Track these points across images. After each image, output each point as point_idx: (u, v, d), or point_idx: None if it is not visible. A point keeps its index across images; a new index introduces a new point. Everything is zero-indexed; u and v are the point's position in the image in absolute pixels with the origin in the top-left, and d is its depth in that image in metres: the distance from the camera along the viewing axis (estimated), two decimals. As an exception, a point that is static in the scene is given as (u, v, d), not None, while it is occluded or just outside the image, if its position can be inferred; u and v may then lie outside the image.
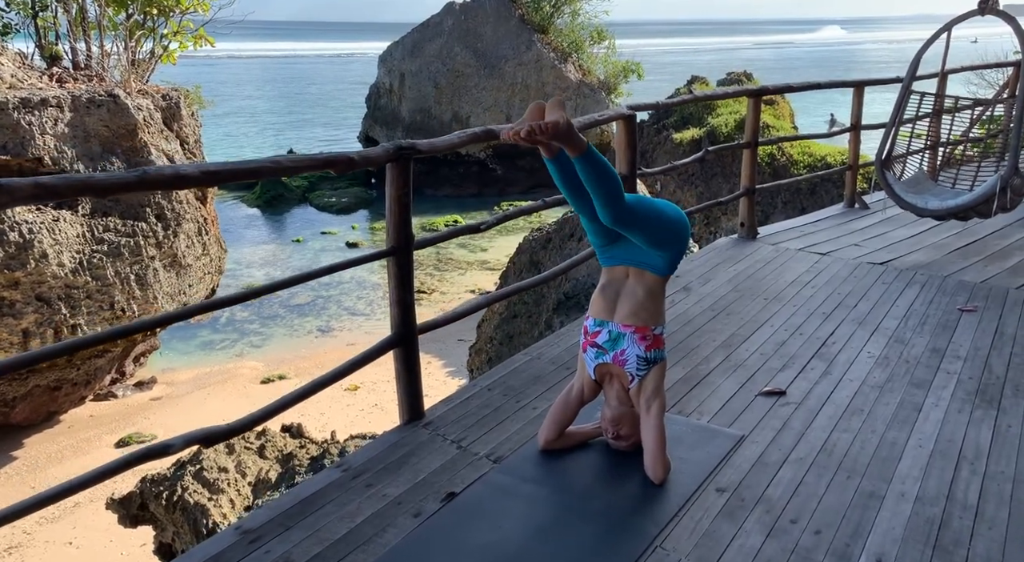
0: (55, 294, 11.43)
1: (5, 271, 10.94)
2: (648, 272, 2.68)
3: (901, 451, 2.91)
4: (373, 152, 2.76)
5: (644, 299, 2.69)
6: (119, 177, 2.04)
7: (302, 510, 2.51)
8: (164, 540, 7.93)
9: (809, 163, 14.88)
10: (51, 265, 11.15)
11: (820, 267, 5.05)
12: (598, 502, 2.57)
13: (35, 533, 10.46)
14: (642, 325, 2.68)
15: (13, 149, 11.32)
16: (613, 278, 2.75)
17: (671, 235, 2.65)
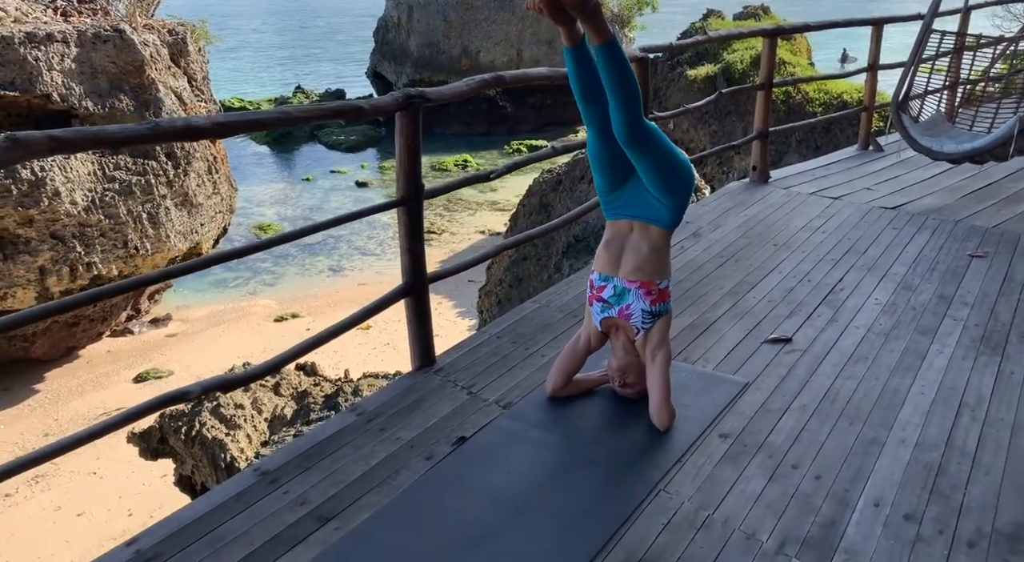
0: (69, 232, 11.53)
1: (19, 209, 11.02)
2: (653, 226, 2.69)
3: (903, 398, 2.96)
4: (382, 101, 2.76)
5: (649, 254, 2.70)
6: (132, 130, 2.05)
7: (319, 452, 2.60)
8: (184, 472, 8.18)
9: (825, 101, 14.62)
10: (64, 203, 11.21)
11: (831, 212, 5.04)
12: (604, 448, 2.65)
13: (60, 463, 10.79)
14: (647, 280, 2.71)
15: (21, 85, 11.27)
16: (617, 232, 2.76)
17: (679, 177, 2.62)
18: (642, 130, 2.51)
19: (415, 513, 2.31)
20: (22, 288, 11.45)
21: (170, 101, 12.45)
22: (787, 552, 2.18)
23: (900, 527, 2.28)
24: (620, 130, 2.50)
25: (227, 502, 2.34)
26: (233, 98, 26.85)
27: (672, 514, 2.32)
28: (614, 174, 2.72)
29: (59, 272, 11.53)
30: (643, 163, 2.58)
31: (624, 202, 2.73)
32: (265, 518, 2.28)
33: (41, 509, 10.03)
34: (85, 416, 11.97)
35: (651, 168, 2.58)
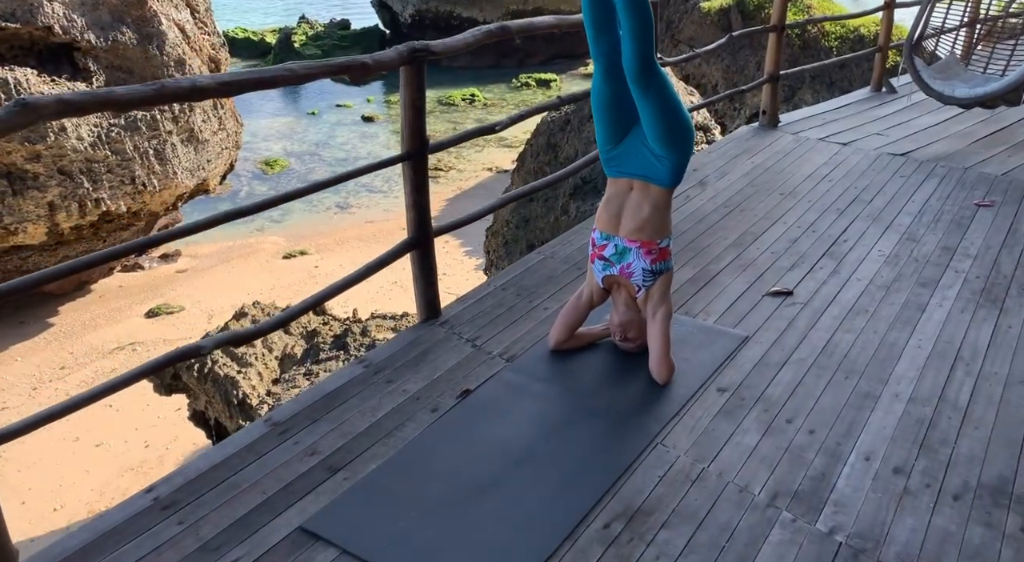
0: (76, 168, 11.52)
1: (26, 144, 11.00)
2: (653, 185, 2.70)
3: (900, 352, 3.02)
4: (386, 55, 2.74)
5: (650, 214, 2.72)
6: (139, 91, 2.07)
7: (327, 404, 2.68)
8: (197, 408, 8.38)
9: (841, 35, 14.29)
10: (70, 138, 11.18)
11: (839, 159, 5.01)
12: (604, 401, 2.72)
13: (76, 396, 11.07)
14: (647, 240, 2.73)
15: (22, 17, 11.11)
16: (617, 191, 2.77)
17: (681, 132, 2.62)
18: (653, 66, 2.51)
19: (420, 464, 2.40)
20: (32, 223, 11.51)
21: (173, 34, 12.27)
22: (778, 504, 2.27)
23: (888, 480, 2.36)
24: (631, 63, 2.49)
25: (240, 452, 2.44)
26: (237, 28, 26.36)
27: (668, 467, 2.41)
28: (617, 122, 2.71)
29: (68, 208, 11.57)
30: (648, 106, 2.57)
31: (624, 160, 2.74)
32: (276, 468, 2.38)
33: (61, 439, 10.32)
34: (99, 349, 12.19)
35: (655, 114, 2.57)
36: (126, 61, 12.06)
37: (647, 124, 2.62)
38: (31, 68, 11.16)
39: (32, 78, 10.97)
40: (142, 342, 12.52)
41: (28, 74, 10.94)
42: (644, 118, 2.62)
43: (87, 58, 11.72)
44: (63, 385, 11.55)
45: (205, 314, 13.20)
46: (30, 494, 9.22)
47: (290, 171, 17.51)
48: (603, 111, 2.74)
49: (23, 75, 10.87)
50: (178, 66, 12.26)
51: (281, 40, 24.05)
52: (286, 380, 7.39)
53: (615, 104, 2.70)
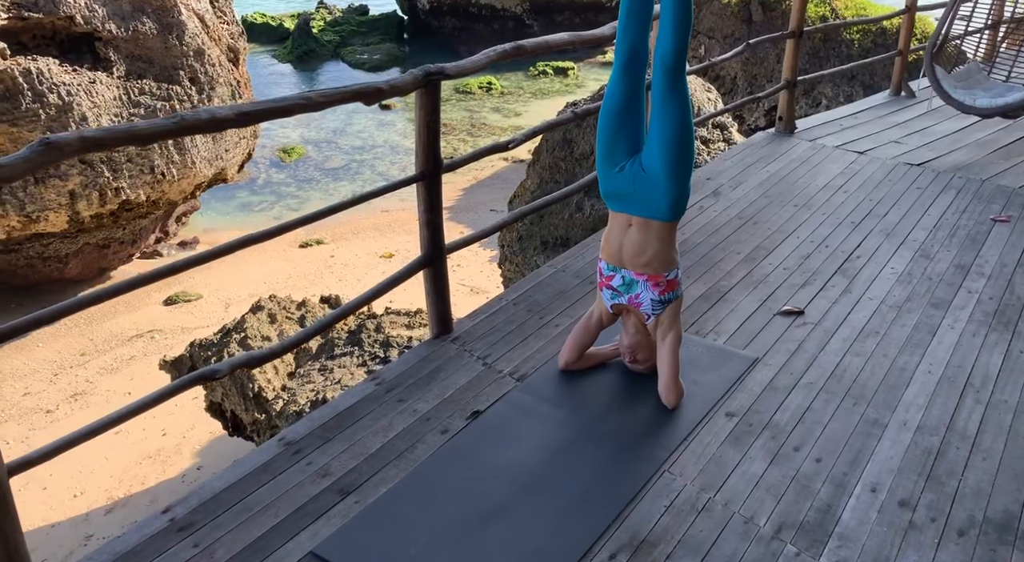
0: (97, 157, 11.63)
1: (48, 133, 11.12)
2: (654, 222, 2.67)
3: (910, 377, 3.02)
4: (402, 81, 2.76)
5: (655, 250, 2.70)
6: (159, 125, 2.10)
7: (340, 423, 2.73)
8: (214, 399, 8.49)
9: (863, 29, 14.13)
10: (91, 128, 11.29)
11: (856, 168, 4.99)
12: (612, 425, 2.75)
13: (97, 382, 11.22)
14: (654, 273, 2.74)
15: (45, 7, 11.19)
16: (618, 225, 2.76)
17: (687, 158, 2.59)
18: (684, 70, 2.50)
19: (430, 489, 2.44)
20: (54, 211, 11.65)
21: (192, 24, 12.32)
22: (783, 537, 2.29)
23: (894, 513, 2.38)
24: (667, 56, 2.46)
25: (254, 472, 2.49)
26: (255, 13, 26.38)
27: (675, 496, 2.44)
28: (619, 137, 2.65)
29: (88, 196, 11.70)
30: (667, 112, 2.52)
31: (625, 197, 2.69)
32: (289, 489, 2.43)
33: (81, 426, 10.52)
34: (118, 336, 12.34)
35: (673, 122, 2.52)
36: (146, 51, 12.13)
37: (657, 136, 2.55)
38: (53, 58, 11.26)
39: (54, 67, 11.07)
40: (160, 330, 12.67)
41: (50, 63, 11.04)
42: (657, 128, 2.55)
43: (108, 48, 11.80)
44: (83, 372, 11.73)
45: (223, 302, 13.32)
46: (51, 480, 9.38)
47: (307, 159, 17.58)
48: (611, 117, 2.68)
49: (45, 65, 10.98)
50: (197, 56, 12.32)
51: (299, 25, 24.04)
52: (301, 375, 7.47)
53: (625, 109, 2.64)
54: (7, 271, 12.99)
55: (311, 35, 23.73)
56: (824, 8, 14.51)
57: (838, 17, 14.67)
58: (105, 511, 8.77)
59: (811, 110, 13.32)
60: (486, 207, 14.89)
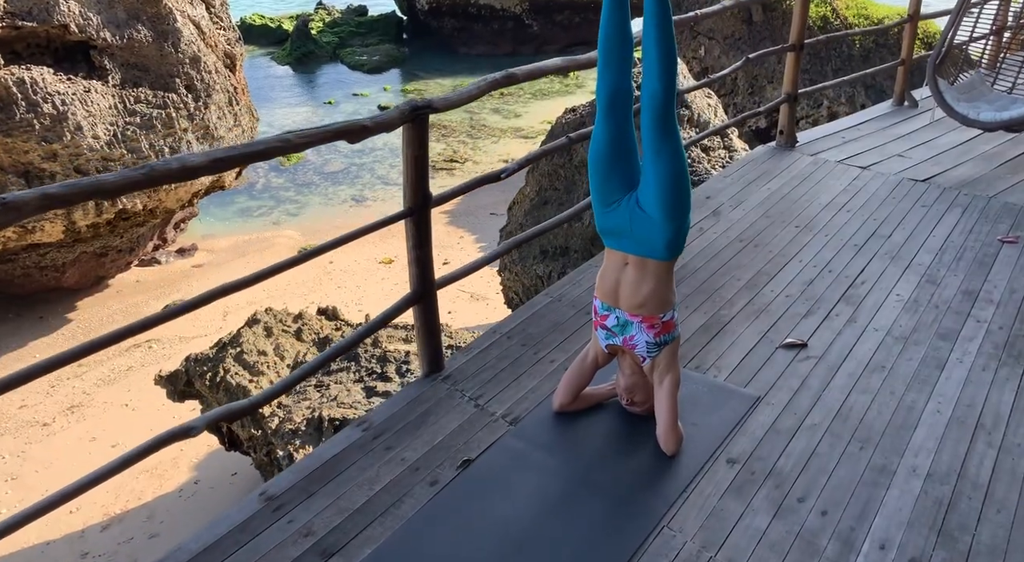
0: (93, 167, 11.53)
1: (43, 143, 11.02)
2: (650, 260, 2.57)
3: (918, 418, 2.91)
4: (388, 116, 2.65)
5: (651, 291, 2.59)
6: (128, 176, 1.99)
7: (324, 475, 2.62)
8: (210, 415, 8.40)
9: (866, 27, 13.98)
10: (86, 137, 11.17)
11: (859, 185, 4.87)
12: (609, 474, 2.64)
13: (94, 394, 11.13)
14: (649, 315, 2.63)
15: (38, 16, 11.09)
16: (613, 264, 2.65)
17: (684, 191, 2.48)
18: (674, 111, 2.38)
19: (415, 550, 2.34)
20: (50, 222, 11.55)
21: (188, 31, 12.21)
22: (786, 601, 2.19)
23: (903, 573, 2.27)
24: (655, 99, 2.35)
25: (233, 531, 2.39)
26: (254, 15, 26.26)
27: (675, 555, 2.33)
28: (612, 175, 2.54)
29: (85, 206, 11.60)
30: (660, 157, 2.42)
31: (620, 234, 2.59)
32: (269, 551, 2.32)
33: (78, 439, 10.40)
34: (117, 347, 12.24)
35: (665, 167, 2.43)
36: (141, 58, 12.02)
37: (652, 179, 2.46)
38: (47, 66, 11.15)
39: (48, 77, 10.96)
40: (158, 339, 12.58)
41: (44, 73, 10.94)
42: (651, 172, 2.46)
43: (103, 56, 11.70)
44: (81, 383, 11.64)
45: (221, 311, 13.21)
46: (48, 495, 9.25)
47: (306, 163, 17.48)
48: (600, 161, 2.59)
49: (39, 74, 10.87)
50: (193, 63, 12.21)
51: (298, 27, 23.93)
52: (297, 392, 7.37)
53: (612, 152, 2.54)
54: (4, 281, 12.91)
55: (310, 37, 23.62)
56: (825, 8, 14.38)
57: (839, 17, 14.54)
58: (101, 527, 8.68)
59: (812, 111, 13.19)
60: (486, 211, 14.77)
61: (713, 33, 16.08)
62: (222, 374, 7.91)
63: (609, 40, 2.46)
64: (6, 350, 12.58)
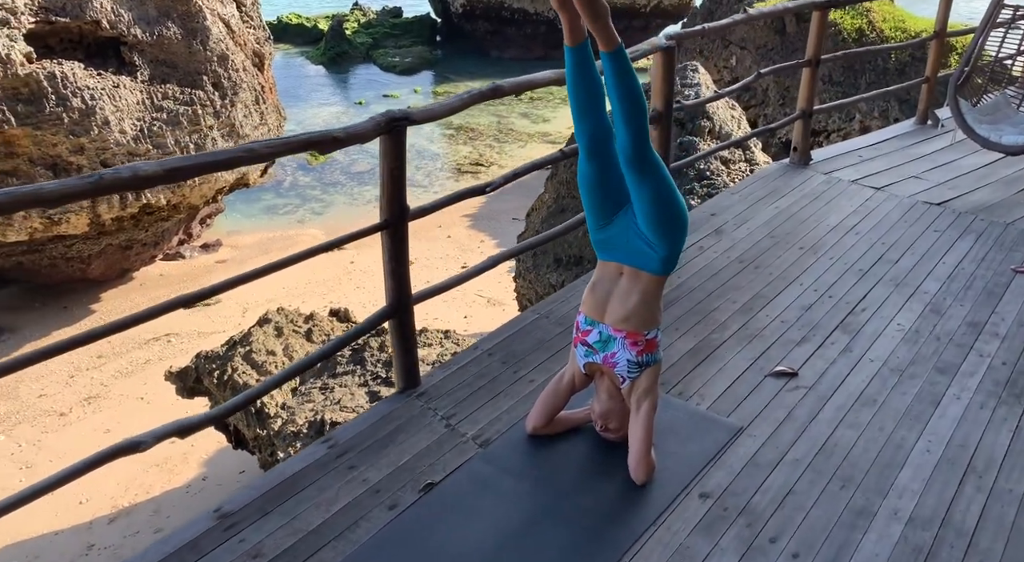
0: (119, 161, 11.66)
1: (71, 136, 11.17)
2: (644, 273, 2.52)
3: (906, 456, 2.78)
4: (361, 127, 2.59)
5: (637, 304, 2.54)
6: (73, 185, 1.95)
7: (281, 493, 2.57)
8: (219, 413, 8.43)
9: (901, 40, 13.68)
10: (113, 132, 11.32)
11: (871, 206, 4.71)
12: (576, 504, 2.55)
13: (111, 386, 11.26)
14: (633, 330, 2.55)
15: (72, 11, 11.25)
16: (606, 275, 2.60)
17: (675, 221, 2.44)
18: (647, 152, 2.35)
19: (366, 576, 2.27)
20: (75, 214, 11.72)
21: (217, 29, 12.32)
22: (743, 650, 2.08)
23: (872, 624, 2.16)
24: (626, 150, 2.33)
25: (181, 550, 2.34)
26: (291, 14, 26.50)
27: (631, 594, 2.23)
28: (605, 202, 2.54)
29: (109, 200, 11.73)
30: (642, 193, 2.41)
31: (615, 246, 2.56)
32: (216, 572, 2.27)
33: (93, 430, 10.51)
34: (136, 339, 12.38)
35: (649, 202, 2.41)
36: (171, 55, 12.15)
37: (640, 211, 2.45)
38: (79, 62, 11.31)
39: (79, 71, 11.12)
40: (177, 334, 12.70)
41: (75, 67, 11.10)
42: (637, 205, 2.45)
43: (133, 52, 11.84)
44: (99, 374, 11.77)
45: (240, 307, 13.31)
46: (59, 485, 9.33)
47: (333, 162, 17.57)
48: (590, 192, 2.56)
49: (70, 69, 11.03)
50: (220, 61, 12.32)
51: (333, 27, 24.09)
52: (302, 393, 7.36)
53: (601, 183, 2.53)
54: (31, 270, 13.11)
55: (344, 37, 23.76)
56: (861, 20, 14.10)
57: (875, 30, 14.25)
58: (108, 520, 8.75)
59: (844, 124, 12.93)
60: (508, 215, 14.72)
61: (745, 43, 15.86)
62: (230, 372, 7.93)
63: (577, 91, 2.45)
64: (30, 338, 12.77)
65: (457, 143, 17.93)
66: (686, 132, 8.47)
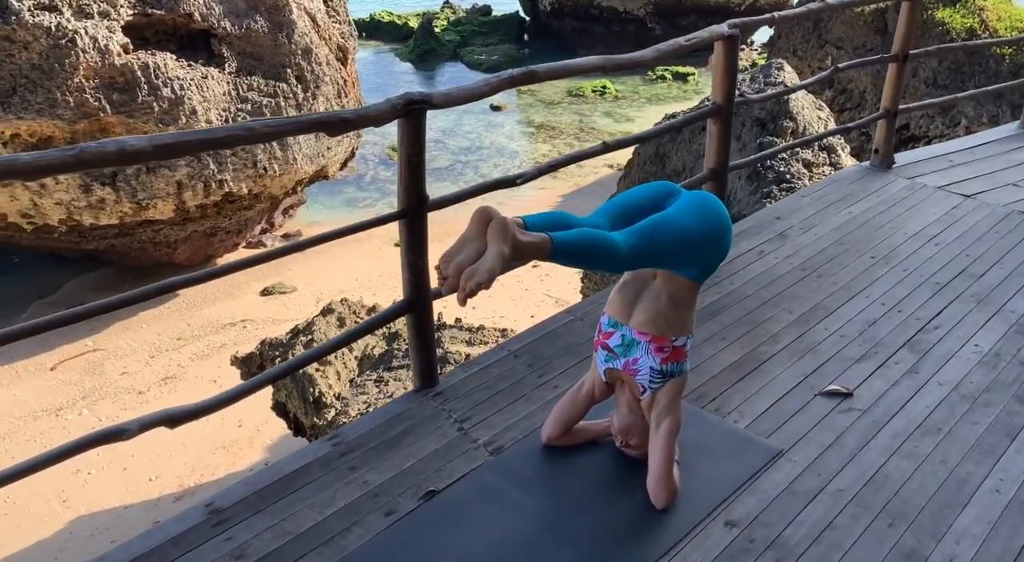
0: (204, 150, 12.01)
1: (160, 125, 11.55)
2: (679, 275, 2.29)
3: (970, 495, 2.45)
4: (376, 109, 2.44)
5: (667, 306, 2.31)
6: (50, 157, 1.86)
7: (278, 491, 2.45)
8: (279, 399, 8.52)
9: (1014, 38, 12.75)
10: (200, 121, 11.63)
11: (957, 215, 4.30)
12: (587, 523, 2.34)
13: (187, 367, 11.59)
14: (659, 335, 2.32)
15: (167, 4, 11.62)
16: (638, 276, 2.37)
17: (697, 251, 2.24)
18: (637, 259, 2.15)
19: (348, 587, 2.12)
20: (162, 200, 12.12)
21: (303, 23, 12.52)
22: None
23: None
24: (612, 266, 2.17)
25: (166, 544, 2.24)
26: (383, 11, 26.86)
27: (632, 630, 2.01)
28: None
29: (194, 187, 12.09)
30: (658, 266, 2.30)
31: None
32: (196, 570, 2.17)
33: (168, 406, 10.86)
34: (214, 323, 12.72)
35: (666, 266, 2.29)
36: (257, 48, 12.41)
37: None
38: (171, 53, 11.67)
39: (171, 62, 11.47)
40: (252, 320, 12.96)
41: (167, 59, 11.45)
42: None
43: (222, 45, 12.15)
44: (177, 356, 12.12)
45: (314, 296, 13.51)
46: (132, 461, 9.67)
47: (414, 158, 17.63)
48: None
49: (162, 59, 11.39)
50: (304, 54, 12.52)
51: (423, 25, 24.30)
52: (358, 385, 7.33)
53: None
54: (122, 253, 13.63)
55: (433, 34, 23.94)
56: (972, 19, 13.23)
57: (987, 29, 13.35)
58: (174, 499, 8.96)
59: (948, 131, 12.12)
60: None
61: (843, 42, 15.12)
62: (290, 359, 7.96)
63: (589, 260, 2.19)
64: (118, 319, 13.24)
65: (537, 141, 17.78)
66: (767, 132, 8.07)
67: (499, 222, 1.93)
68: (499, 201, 15.88)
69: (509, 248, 1.92)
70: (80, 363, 11.59)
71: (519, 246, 1.93)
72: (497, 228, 1.92)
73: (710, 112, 3.76)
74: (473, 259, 1.94)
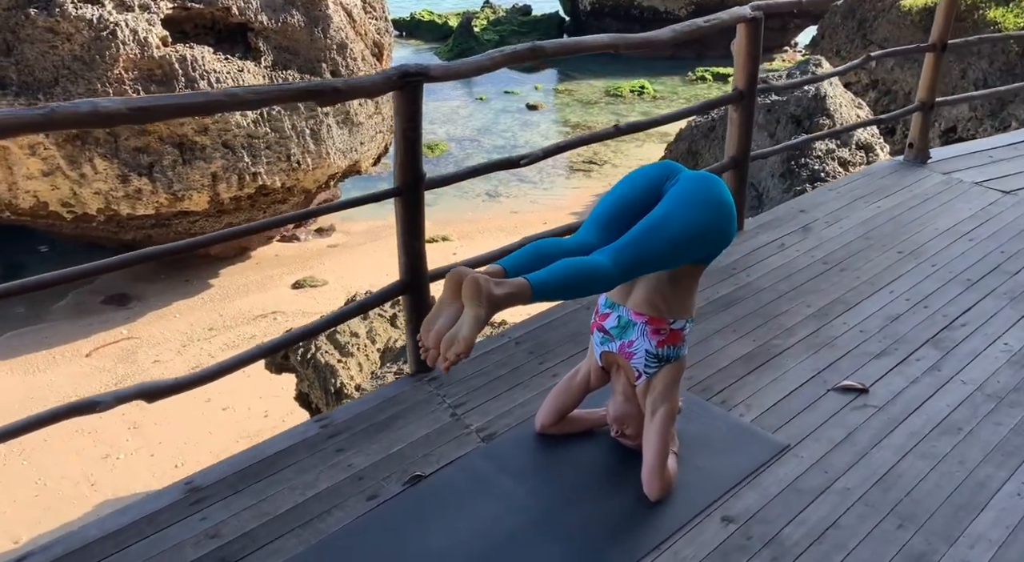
0: (239, 143, 12.11)
1: (196, 117, 11.69)
2: None
3: (989, 498, 2.30)
4: (369, 79, 2.37)
5: (666, 286, 2.20)
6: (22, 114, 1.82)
7: (259, 471, 2.39)
8: (302, 390, 8.53)
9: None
10: (235, 115, 11.73)
11: (993, 211, 4.10)
12: (577, 515, 2.24)
13: (218, 357, 11.68)
14: (657, 316, 2.21)
15: (206, -1, 11.78)
16: None
17: (698, 243, 2.12)
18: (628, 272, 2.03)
19: (321, 571, 2.04)
20: (197, 191, 12.26)
21: (338, 18, 12.57)
22: None
23: None
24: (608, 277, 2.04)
25: (139, 522, 2.19)
26: (423, 10, 26.94)
27: (613, 626, 1.90)
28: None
29: (228, 179, 12.21)
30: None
31: None
32: (168, 549, 2.11)
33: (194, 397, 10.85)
34: (245, 315, 12.83)
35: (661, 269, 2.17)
36: (293, 42, 12.49)
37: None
38: (208, 46, 11.80)
39: (208, 56, 11.59)
40: (283, 312, 13.04)
41: (205, 52, 11.58)
42: None
43: (259, 38, 12.25)
44: (208, 346, 12.23)
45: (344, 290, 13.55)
46: (160, 448, 9.77)
47: (448, 155, 17.66)
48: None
49: (200, 53, 11.52)
50: (339, 49, 12.56)
51: (462, 24, 24.32)
52: (378, 376, 7.30)
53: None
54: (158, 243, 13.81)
55: (472, 34, 23.93)
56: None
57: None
58: (197, 486, 9.03)
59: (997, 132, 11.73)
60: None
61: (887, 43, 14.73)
62: (314, 351, 7.98)
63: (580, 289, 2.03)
64: (154, 307, 13.43)
65: (574, 141, 17.64)
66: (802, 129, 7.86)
67: (470, 283, 1.84)
68: (532, 199, 15.80)
69: (484, 308, 1.84)
70: (114, 350, 11.75)
71: (495, 302, 1.85)
72: (469, 290, 1.83)
73: (731, 98, 3.62)
74: (451, 325, 1.88)
